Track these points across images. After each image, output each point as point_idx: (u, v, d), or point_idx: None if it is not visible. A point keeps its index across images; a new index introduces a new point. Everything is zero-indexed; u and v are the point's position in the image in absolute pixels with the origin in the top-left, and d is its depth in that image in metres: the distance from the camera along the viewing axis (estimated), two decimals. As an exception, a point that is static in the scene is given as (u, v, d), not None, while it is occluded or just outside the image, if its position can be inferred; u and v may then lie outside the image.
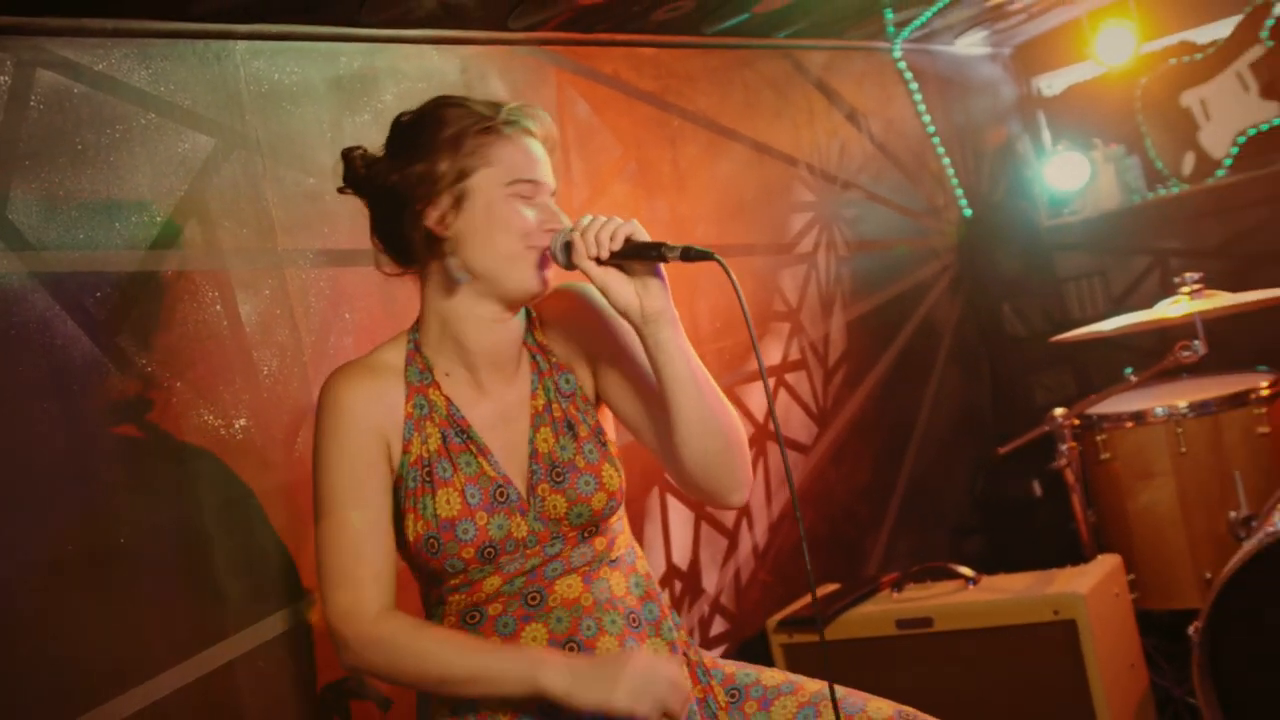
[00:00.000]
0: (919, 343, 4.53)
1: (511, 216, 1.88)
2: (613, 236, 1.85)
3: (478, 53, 2.87)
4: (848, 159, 4.29)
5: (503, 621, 1.93)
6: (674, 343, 1.89)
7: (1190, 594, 3.58)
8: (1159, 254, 4.90)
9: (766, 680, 2.08)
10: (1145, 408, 3.64)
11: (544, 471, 1.95)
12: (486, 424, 1.96)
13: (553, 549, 1.95)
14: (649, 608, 2.02)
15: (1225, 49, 5.04)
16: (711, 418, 1.93)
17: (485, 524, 1.89)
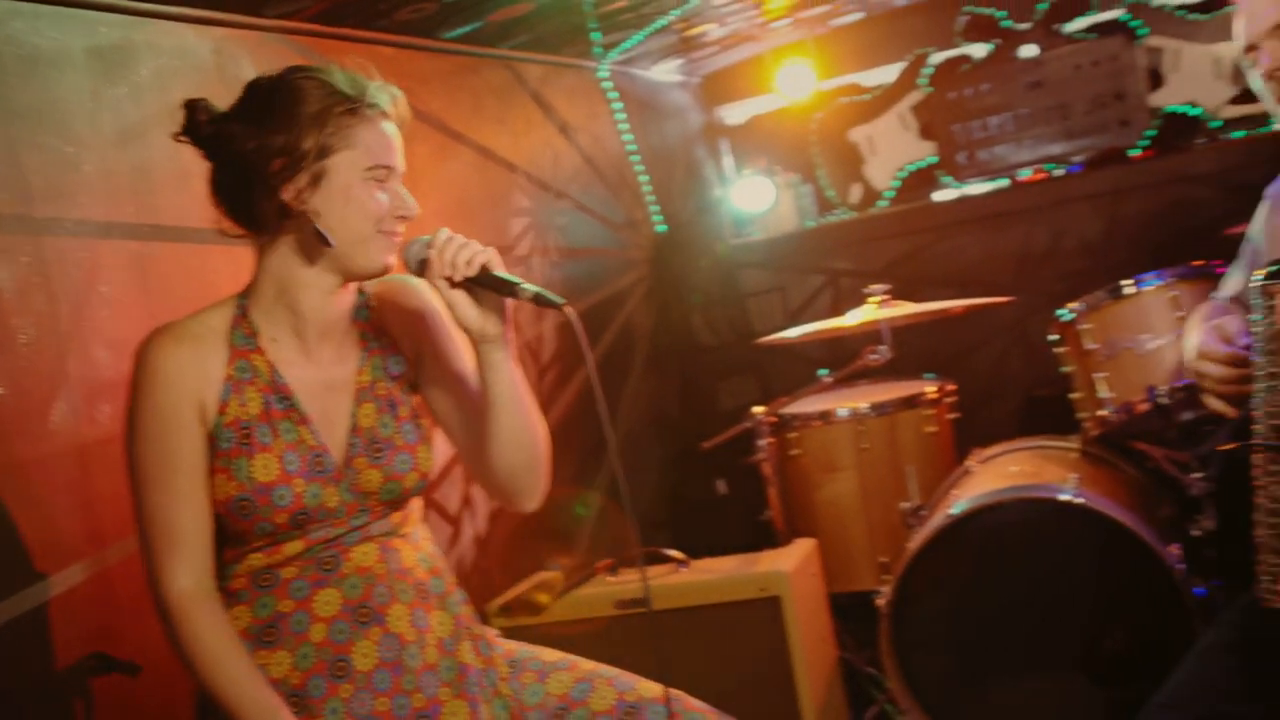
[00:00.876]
0: (619, 347, 4.73)
1: (367, 200, 1.91)
2: (469, 262, 1.93)
3: (231, 36, 2.83)
4: (560, 170, 4.44)
5: (297, 586, 1.96)
6: (506, 364, 1.99)
7: (867, 577, 3.90)
8: (831, 273, 5.32)
9: (544, 656, 2.18)
10: (831, 408, 3.96)
11: (363, 445, 1.99)
12: (309, 392, 1.98)
13: (358, 520, 1.99)
14: (436, 582, 2.09)
15: (890, 92, 5.53)
16: (527, 433, 2.04)
17: (301, 491, 1.92)
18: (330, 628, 1.94)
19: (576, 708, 2.08)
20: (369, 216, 1.92)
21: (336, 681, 1.93)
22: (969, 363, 4.67)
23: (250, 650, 1.92)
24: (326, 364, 2.01)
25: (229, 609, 1.94)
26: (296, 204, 1.88)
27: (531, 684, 2.11)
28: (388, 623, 1.97)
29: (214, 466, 1.90)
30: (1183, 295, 3.29)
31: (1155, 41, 5.19)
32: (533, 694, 2.10)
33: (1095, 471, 3.46)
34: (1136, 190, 4.99)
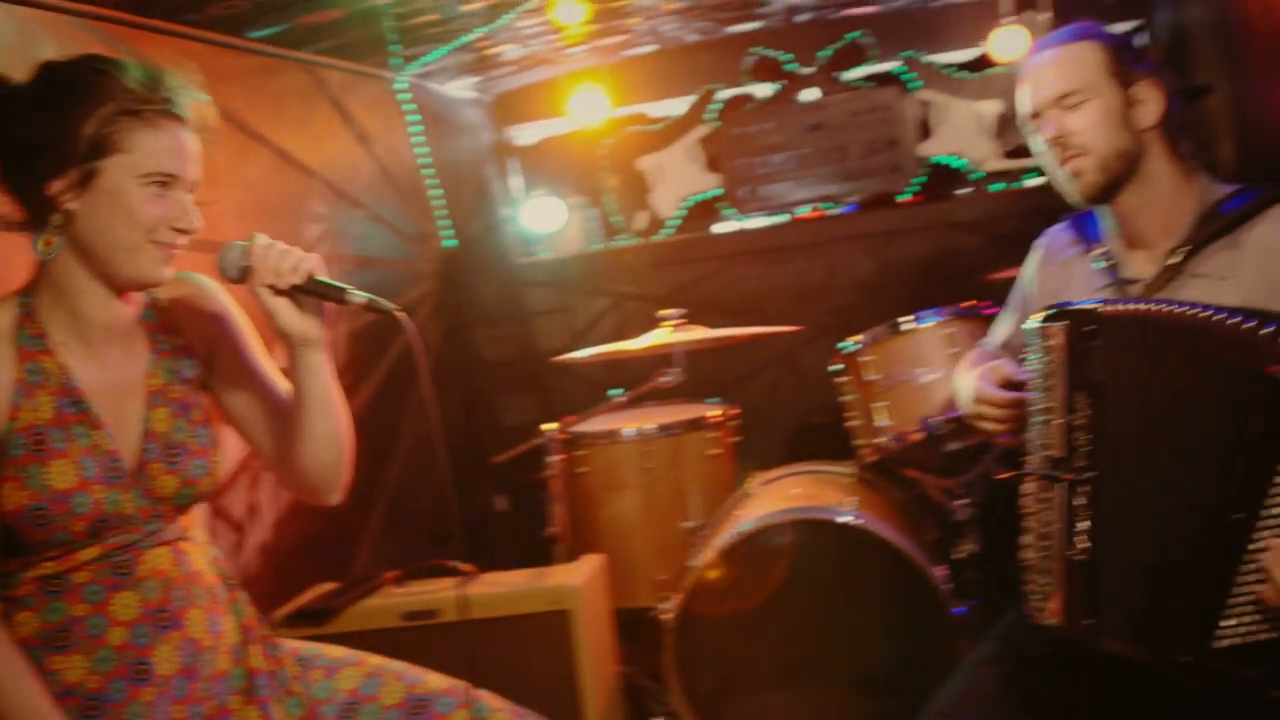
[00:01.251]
0: (406, 359, 4.69)
1: (137, 209, 1.83)
2: (295, 269, 1.89)
3: (35, 17, 2.71)
4: (357, 178, 4.39)
5: (91, 590, 1.89)
6: (321, 366, 1.98)
7: (645, 594, 3.98)
8: (616, 297, 5.41)
9: (331, 653, 2.17)
10: (618, 427, 4.03)
11: (159, 450, 1.94)
12: (100, 395, 1.92)
13: (152, 525, 1.94)
14: (223, 586, 2.06)
15: (679, 124, 5.67)
16: (336, 433, 2.04)
17: (100, 498, 1.85)
18: (131, 631, 1.89)
19: (367, 702, 2.08)
20: (138, 225, 1.83)
21: (138, 685, 1.88)
22: (744, 389, 4.83)
23: (40, 656, 1.85)
24: (114, 366, 1.95)
25: (12, 616, 1.86)
26: (60, 200, 1.81)
27: (321, 680, 2.10)
28: (186, 627, 1.94)
29: (2, 475, 1.81)
30: (957, 333, 3.51)
31: (926, 95, 5.50)
32: (323, 690, 2.08)
33: (870, 496, 3.63)
34: (906, 233, 5.27)
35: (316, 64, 4.13)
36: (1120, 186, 2.39)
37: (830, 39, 5.46)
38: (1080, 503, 2.12)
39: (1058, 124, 2.38)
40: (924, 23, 5.48)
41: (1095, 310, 2.14)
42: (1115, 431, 2.10)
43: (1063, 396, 2.14)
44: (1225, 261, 2.31)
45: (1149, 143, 2.38)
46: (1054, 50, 2.42)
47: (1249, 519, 1.91)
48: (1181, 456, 2.03)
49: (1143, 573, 2.06)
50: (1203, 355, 2.00)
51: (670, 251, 5.49)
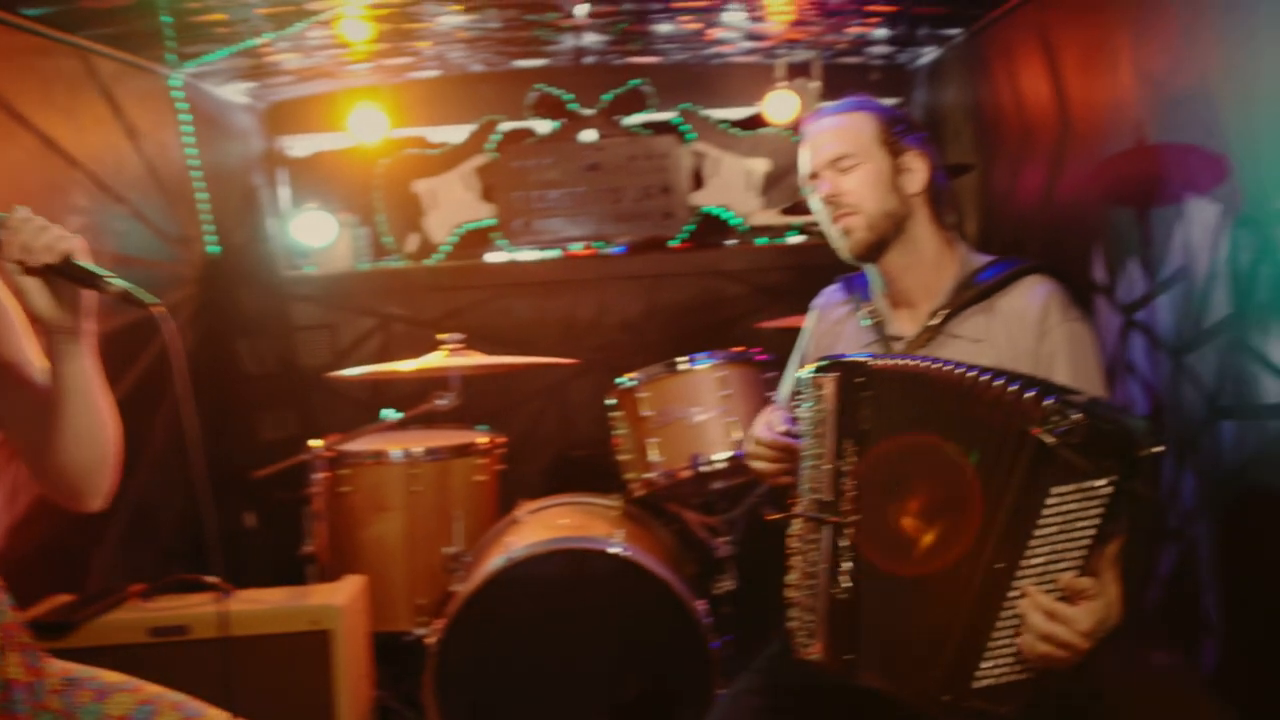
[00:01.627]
0: (159, 365, 4.47)
1: None
2: (49, 247, 1.78)
3: None
4: (123, 173, 4.18)
5: None
6: (79, 357, 1.87)
7: (403, 618, 3.91)
8: (383, 318, 5.31)
9: (105, 677, 2.04)
10: (385, 448, 3.95)
11: None
12: None
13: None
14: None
15: (457, 151, 5.64)
16: (98, 431, 1.93)
17: None
18: None
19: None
20: None
21: None
22: (509, 418, 4.81)
23: None
24: None
25: None
26: None
27: (89, 704, 1.97)
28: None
29: None
30: (729, 376, 3.61)
31: (700, 147, 5.66)
32: (88, 714, 1.95)
33: (636, 529, 3.68)
34: (675, 278, 5.39)
35: (90, 50, 3.92)
36: (887, 246, 2.54)
37: (613, 84, 5.55)
38: (845, 544, 2.20)
39: (833, 184, 2.53)
40: (703, 78, 5.64)
41: (865, 363, 2.25)
42: (879, 478, 2.19)
43: (832, 443, 2.24)
44: (981, 325, 2.49)
45: (914, 207, 2.56)
46: (833, 118, 2.60)
47: (1009, 569, 2.02)
48: (944, 504, 2.13)
49: (903, 614, 2.15)
50: (967, 413, 2.11)
51: (441, 276, 5.43)
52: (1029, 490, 2.00)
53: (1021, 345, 2.44)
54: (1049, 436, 1.98)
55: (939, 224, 2.59)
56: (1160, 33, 3.03)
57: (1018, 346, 2.44)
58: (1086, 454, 1.98)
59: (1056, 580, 2.02)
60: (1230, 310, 2.78)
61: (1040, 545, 2.02)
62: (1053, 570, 2.03)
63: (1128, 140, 3.27)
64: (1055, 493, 1.99)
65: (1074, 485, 1.99)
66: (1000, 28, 4.34)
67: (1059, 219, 3.88)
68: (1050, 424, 1.99)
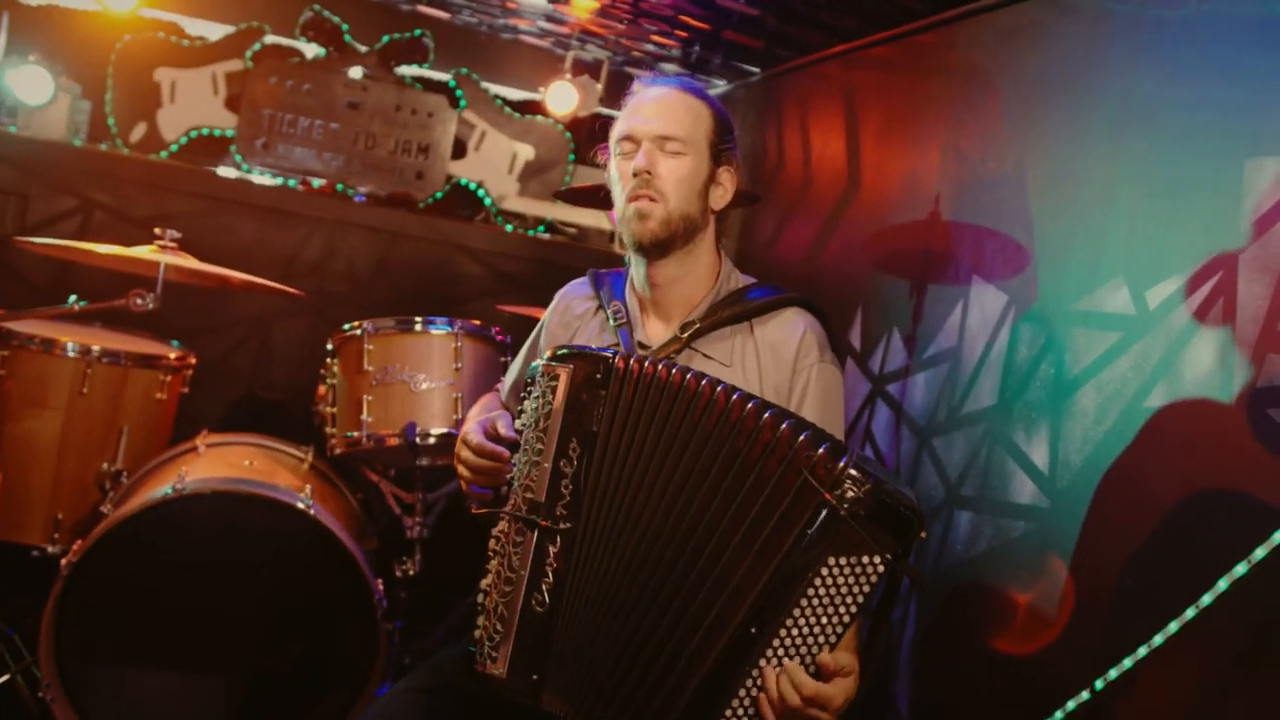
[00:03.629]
0: None
1: None
2: None
3: None
4: None
5: None
6: None
7: (35, 531, 3.37)
8: (86, 201, 4.66)
9: None
10: (60, 338, 3.40)
11: None
12: None
13: None
14: None
15: (211, 49, 5.08)
16: None
17: None
18: None
19: None
20: None
21: None
22: (205, 341, 4.29)
23: None
24: None
25: None
26: None
27: None
28: None
29: None
30: (464, 348, 3.29)
31: (469, 116, 5.31)
32: None
33: (324, 488, 3.30)
34: (414, 240, 5.00)
35: None
36: (670, 249, 2.30)
37: (395, 27, 5.14)
38: (553, 552, 1.95)
39: (650, 160, 2.26)
40: (489, 48, 5.32)
41: (608, 359, 1.98)
42: (603, 489, 1.95)
43: (555, 441, 1.97)
44: (733, 348, 2.30)
45: (708, 222, 2.35)
46: (676, 92, 2.32)
47: (763, 633, 1.84)
48: (680, 541, 1.90)
49: (610, 644, 1.92)
50: (732, 445, 1.90)
51: (162, 175, 4.82)
52: (804, 555, 1.82)
53: (772, 378, 2.28)
54: (841, 504, 1.81)
55: (717, 245, 2.40)
56: (981, 114, 2.94)
57: (768, 378, 2.27)
58: (870, 527, 1.83)
59: (811, 653, 1.84)
60: (994, 402, 2.69)
61: (804, 615, 1.84)
62: (811, 642, 1.85)
63: (920, 212, 3.17)
64: (832, 563, 1.83)
65: (851, 558, 1.83)
66: (802, 75, 4.22)
67: (824, 275, 3.76)
68: (840, 489, 1.82)
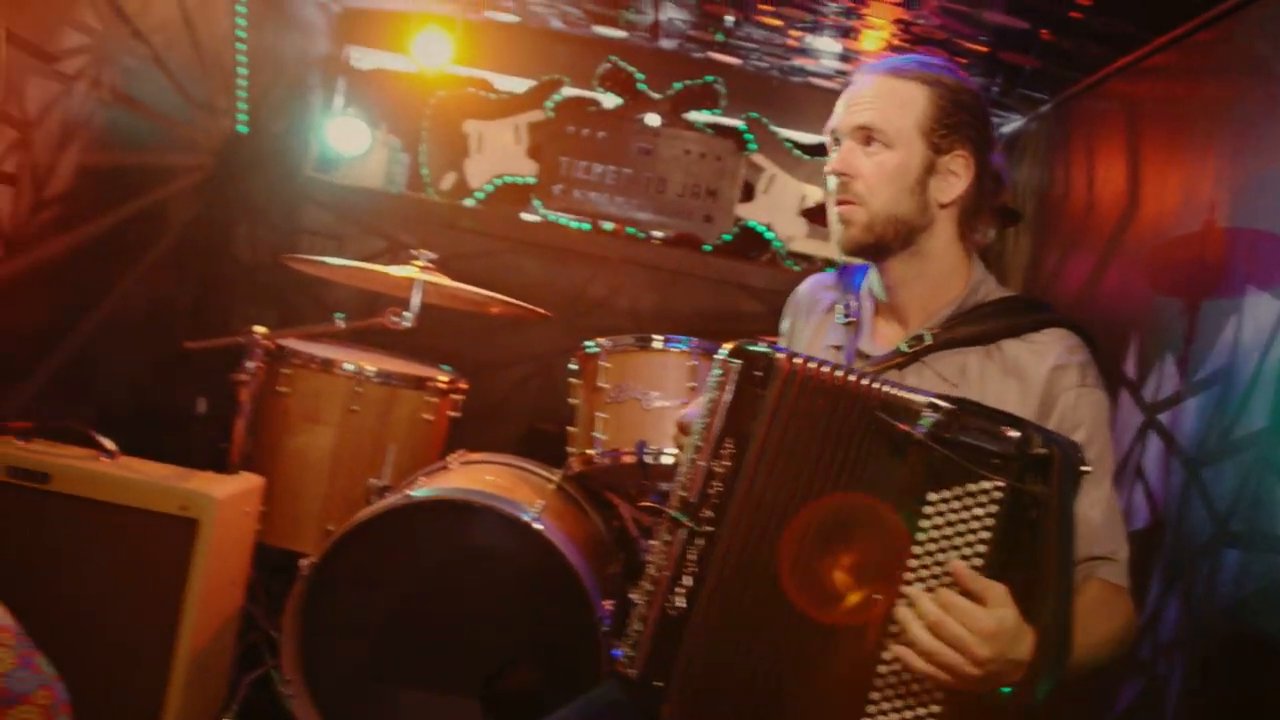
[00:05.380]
0: (143, 222, 4.06)
1: None
2: None
3: None
4: (149, 12, 3.77)
5: None
6: None
7: (308, 540, 3.46)
8: (395, 243, 4.88)
9: None
10: (337, 358, 3.52)
11: None
12: None
13: None
14: None
15: (515, 101, 5.23)
16: None
17: None
18: None
19: None
20: None
21: None
22: (491, 375, 4.37)
23: None
24: None
25: None
26: None
27: None
28: None
29: None
30: (701, 368, 3.14)
31: (759, 160, 5.20)
32: None
33: (563, 507, 3.22)
34: (696, 279, 4.93)
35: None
36: (887, 253, 2.04)
37: (687, 74, 5.12)
38: (692, 555, 1.77)
39: (847, 160, 2.02)
40: (780, 93, 5.19)
41: (771, 357, 1.78)
42: (749, 493, 1.76)
43: (712, 439, 1.79)
44: (972, 366, 1.98)
45: (936, 219, 2.03)
46: (880, 77, 2.05)
47: (889, 597, 1.67)
48: (822, 535, 1.73)
49: (747, 648, 1.74)
50: (855, 426, 1.73)
51: (464, 218, 4.99)
52: (903, 497, 1.67)
53: (1013, 403, 1.90)
54: (918, 429, 1.66)
55: (964, 242, 2.09)
56: (1262, 107, 2.53)
57: (1007, 404, 1.87)
58: (963, 453, 1.64)
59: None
60: (1266, 424, 2.27)
61: (922, 564, 1.64)
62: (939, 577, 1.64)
63: (1195, 223, 2.77)
64: (934, 499, 1.65)
65: (953, 490, 1.64)
66: (1086, 98, 3.85)
67: (1100, 303, 3.37)
68: (917, 419, 1.67)
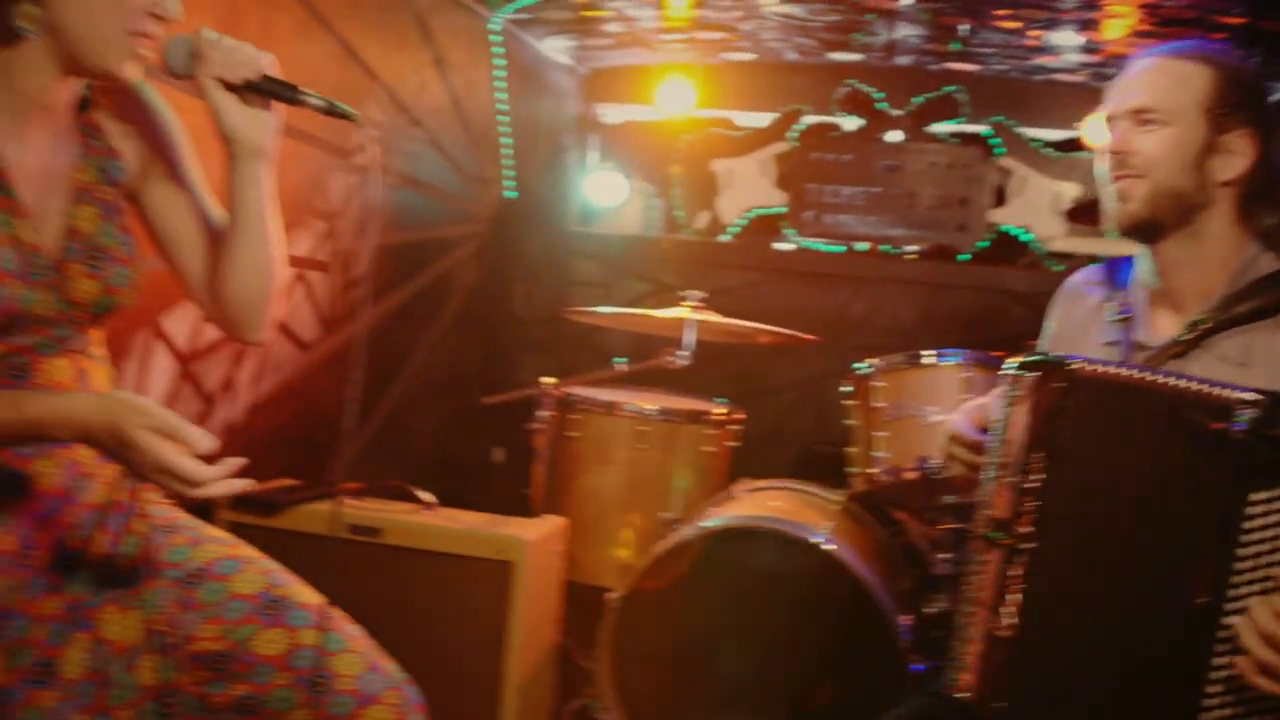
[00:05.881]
0: (433, 291, 4.40)
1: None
2: (246, 63, 1.64)
3: None
4: (424, 100, 4.10)
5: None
6: (262, 181, 1.72)
7: (608, 575, 3.63)
8: (658, 284, 5.08)
9: (206, 530, 1.85)
10: (619, 400, 3.69)
11: (81, 251, 1.64)
12: (26, 180, 1.60)
13: (60, 331, 1.64)
14: None
15: (759, 136, 5.35)
16: (267, 259, 1.77)
17: (17, 294, 1.55)
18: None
19: (214, 580, 1.75)
20: (120, 9, 1.56)
21: (11, 498, 1.59)
22: (762, 403, 4.47)
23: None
24: (43, 151, 1.64)
25: None
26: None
27: (180, 546, 1.77)
28: (74, 446, 1.63)
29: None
30: (976, 379, 3.15)
31: (1008, 163, 5.13)
32: (177, 554, 1.76)
33: (851, 527, 3.27)
34: (956, 289, 4.91)
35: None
36: (1163, 231, 2.00)
37: (925, 88, 5.11)
38: (1015, 573, 1.76)
39: (1123, 138, 2.01)
40: (1022, 93, 5.12)
41: (1071, 367, 1.77)
42: (1069, 503, 1.75)
43: (1017, 454, 1.78)
44: (1259, 344, 1.92)
45: (1215, 199, 1.99)
46: (1156, 59, 2.03)
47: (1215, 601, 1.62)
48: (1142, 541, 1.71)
49: (1083, 663, 1.72)
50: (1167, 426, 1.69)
51: (722, 254, 5.16)
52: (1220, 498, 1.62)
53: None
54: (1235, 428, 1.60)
55: (1244, 225, 2.03)
56: None
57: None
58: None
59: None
60: None
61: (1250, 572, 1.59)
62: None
63: None
64: (1254, 500, 1.59)
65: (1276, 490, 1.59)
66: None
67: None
68: (1231, 416, 1.61)
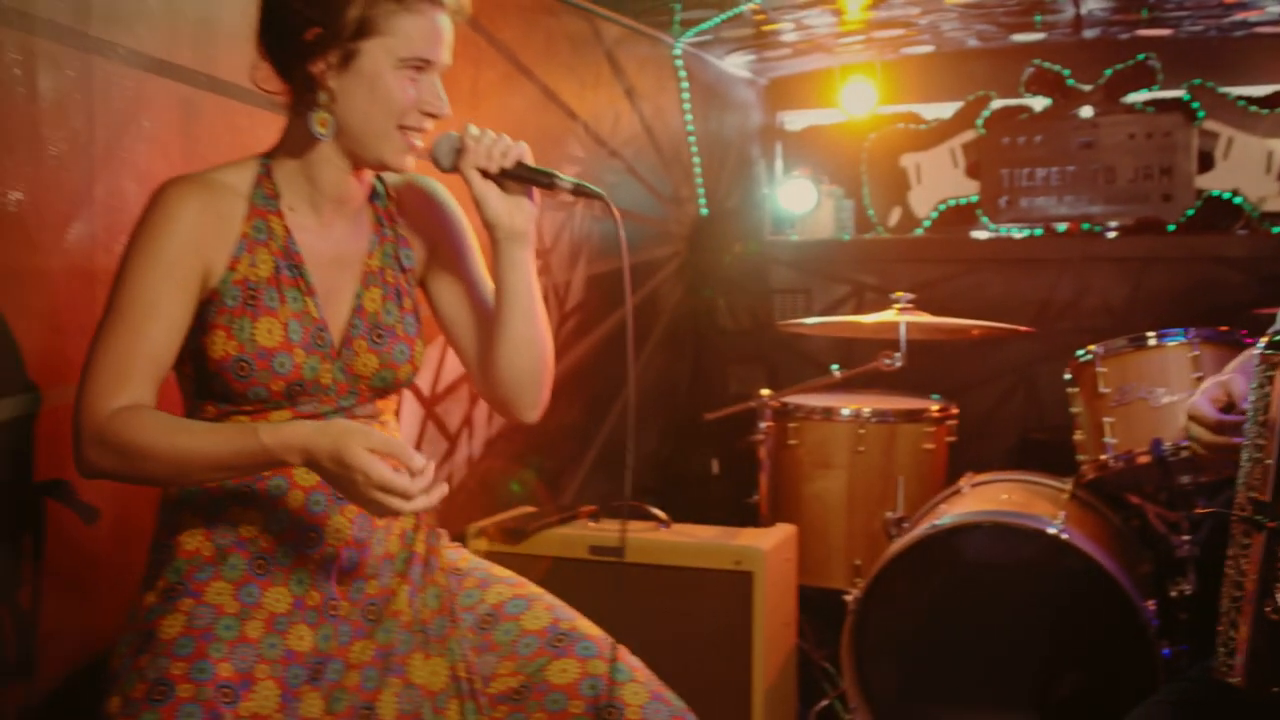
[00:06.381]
0: (642, 314, 4.53)
1: (393, 92, 1.71)
2: (504, 153, 1.78)
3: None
4: (619, 131, 4.24)
5: None
6: (526, 263, 1.85)
7: (839, 576, 3.68)
8: (857, 285, 5.10)
9: (493, 571, 1.99)
10: (835, 405, 3.74)
11: (365, 328, 1.82)
12: (318, 264, 1.80)
13: (346, 401, 1.82)
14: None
15: (945, 127, 5.31)
16: (535, 340, 1.89)
17: (301, 362, 1.74)
18: (308, 498, 1.77)
19: (506, 620, 1.88)
20: (392, 110, 1.71)
21: (306, 552, 1.76)
22: (974, 394, 4.45)
23: (223, 505, 1.74)
24: (338, 239, 1.83)
25: None
26: (320, 79, 1.70)
27: (471, 589, 1.92)
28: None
29: (215, 323, 1.71)
30: (1204, 356, 3.07)
31: (1211, 125, 4.96)
32: (469, 598, 1.91)
33: (1083, 514, 3.24)
34: (1167, 262, 4.77)
35: (595, 13, 3.99)
36: None
37: (1115, 59, 4.99)
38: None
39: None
40: (1220, 52, 4.94)
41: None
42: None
43: (1276, 435, 1.75)
44: None
45: None
46: None
47: None
48: None
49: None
50: None
51: (918, 248, 5.14)
52: None
53: None
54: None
55: None
56: None
57: None
58: None
59: None
60: None
61: None
62: None
63: None
64: None
65: None
66: None
67: None
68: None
